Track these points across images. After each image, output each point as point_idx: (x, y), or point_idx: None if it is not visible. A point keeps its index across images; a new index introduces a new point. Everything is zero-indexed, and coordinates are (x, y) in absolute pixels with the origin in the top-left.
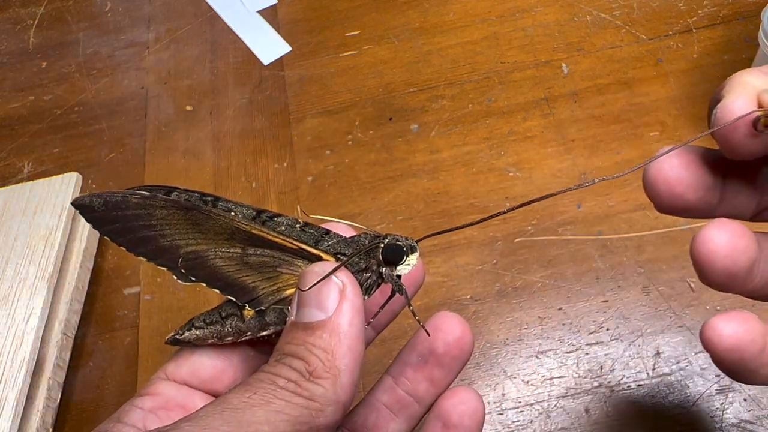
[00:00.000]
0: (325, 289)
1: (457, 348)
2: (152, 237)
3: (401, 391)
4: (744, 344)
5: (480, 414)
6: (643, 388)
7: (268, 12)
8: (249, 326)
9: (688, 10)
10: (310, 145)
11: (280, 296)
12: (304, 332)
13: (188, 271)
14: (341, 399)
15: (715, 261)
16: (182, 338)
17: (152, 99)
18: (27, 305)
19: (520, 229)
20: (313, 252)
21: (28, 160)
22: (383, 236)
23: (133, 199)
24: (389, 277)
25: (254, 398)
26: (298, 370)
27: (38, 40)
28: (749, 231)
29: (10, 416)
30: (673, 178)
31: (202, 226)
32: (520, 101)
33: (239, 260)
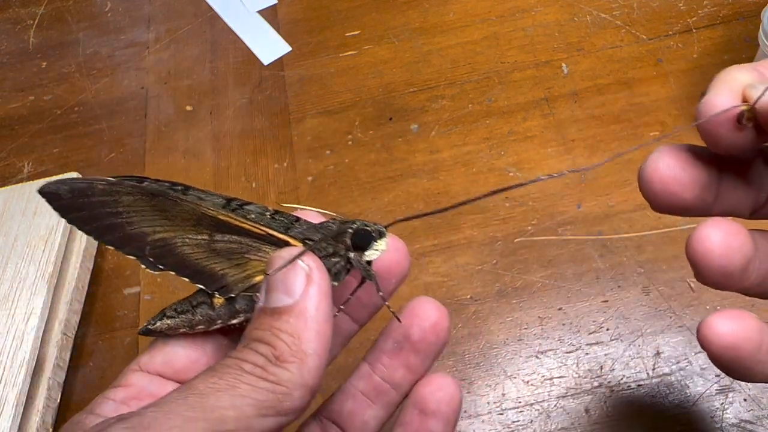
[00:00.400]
0: (291, 274)
1: (432, 334)
2: (119, 224)
3: (378, 377)
4: (740, 342)
5: (457, 401)
6: (643, 388)
7: (268, 12)
8: (219, 314)
9: (688, 10)
10: (310, 145)
11: (250, 283)
12: (271, 317)
13: (156, 259)
14: (308, 383)
15: (710, 260)
16: (154, 328)
17: (152, 99)
18: (27, 305)
19: (520, 229)
20: (280, 237)
21: (28, 160)
22: (352, 222)
23: (98, 185)
24: (357, 262)
25: (220, 383)
26: (265, 355)
27: (38, 40)
28: (744, 229)
29: (10, 416)
30: (669, 177)
31: (169, 212)
32: (520, 101)
33: (207, 247)
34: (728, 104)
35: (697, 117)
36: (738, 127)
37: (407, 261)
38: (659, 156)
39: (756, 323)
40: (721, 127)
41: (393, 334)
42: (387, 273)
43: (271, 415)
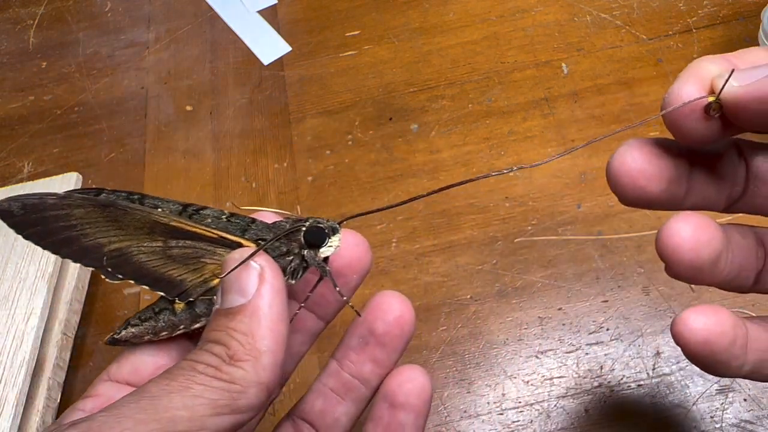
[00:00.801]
0: (244, 274)
1: (397, 327)
2: (74, 237)
3: (346, 374)
4: (714, 337)
5: (426, 392)
6: (643, 388)
7: (268, 12)
8: (181, 319)
9: (688, 10)
10: (310, 145)
11: (208, 287)
12: (226, 318)
13: (114, 269)
14: (263, 380)
15: (679, 254)
16: (119, 337)
17: (152, 99)
18: (27, 305)
19: (520, 229)
20: (233, 239)
21: (28, 160)
22: (305, 219)
23: (49, 200)
24: (311, 259)
25: (172, 385)
26: (219, 355)
27: (38, 40)
28: (714, 223)
29: (10, 416)
30: (635, 171)
31: (122, 222)
32: (520, 101)
33: (162, 254)
34: (695, 95)
35: (664, 107)
36: (705, 118)
37: (368, 256)
38: (626, 149)
39: (730, 318)
40: (687, 118)
41: (358, 330)
42: (348, 269)
43: (226, 414)
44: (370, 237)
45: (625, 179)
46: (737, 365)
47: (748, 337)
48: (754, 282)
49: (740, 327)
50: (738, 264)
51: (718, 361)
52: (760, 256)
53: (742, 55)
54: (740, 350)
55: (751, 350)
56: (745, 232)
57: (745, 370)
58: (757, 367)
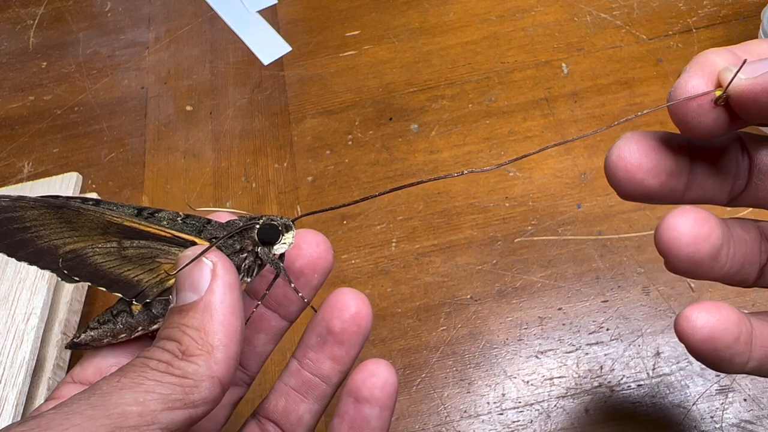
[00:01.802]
0: (197, 271)
1: (354, 324)
2: (29, 239)
3: (306, 372)
4: (717, 333)
5: (391, 385)
6: (643, 388)
7: (268, 12)
8: (139, 321)
9: (688, 10)
10: (310, 145)
11: (164, 287)
12: (179, 315)
13: (71, 271)
14: (216, 374)
15: (678, 248)
16: (79, 341)
17: (152, 99)
18: (27, 305)
19: (520, 229)
20: (186, 238)
21: (28, 160)
22: (259, 217)
23: (2, 202)
24: (265, 256)
25: (123, 381)
26: (171, 351)
27: (38, 40)
28: (714, 217)
29: (10, 416)
30: (633, 164)
31: (75, 223)
32: (520, 101)
33: (117, 254)
34: (702, 88)
35: (669, 100)
36: (712, 111)
37: (330, 255)
38: (624, 142)
39: (734, 314)
40: (694, 112)
41: (316, 329)
42: (310, 268)
43: (178, 408)
44: (370, 237)
45: (622, 173)
46: (741, 361)
47: (753, 333)
48: (757, 277)
49: (745, 323)
50: (740, 258)
51: (721, 358)
52: (764, 250)
53: (745, 47)
54: (745, 347)
55: (757, 346)
56: (748, 227)
57: (750, 367)
58: (763, 363)
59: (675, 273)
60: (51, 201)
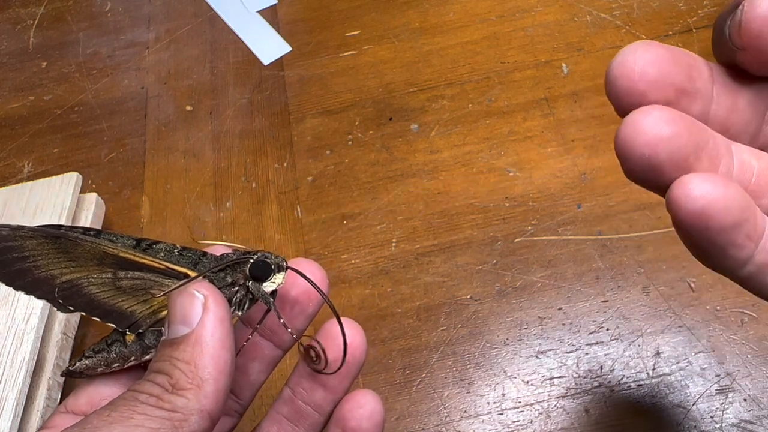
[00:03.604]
0: (188, 304)
1: (349, 355)
2: (27, 269)
3: (299, 401)
4: (714, 211)
5: (378, 415)
6: (643, 388)
7: (268, 12)
8: (132, 351)
9: (688, 10)
10: (310, 145)
11: (156, 318)
12: (170, 348)
13: (66, 301)
14: (206, 408)
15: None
16: (74, 369)
17: (152, 99)
18: (27, 305)
19: (520, 229)
20: (179, 270)
21: (28, 160)
22: (254, 252)
23: (2, 231)
24: (256, 290)
25: (113, 416)
26: (161, 385)
27: (38, 40)
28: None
29: (10, 416)
30: (636, 73)
31: (72, 253)
32: (520, 101)
33: (112, 285)
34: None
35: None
36: None
37: (325, 283)
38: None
39: (741, 197)
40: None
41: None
42: (305, 296)
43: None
44: (370, 237)
45: (622, 82)
46: (738, 257)
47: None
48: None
49: (753, 213)
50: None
51: (712, 244)
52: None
53: None
54: (745, 240)
55: (764, 248)
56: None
57: (746, 272)
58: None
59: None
60: (49, 231)
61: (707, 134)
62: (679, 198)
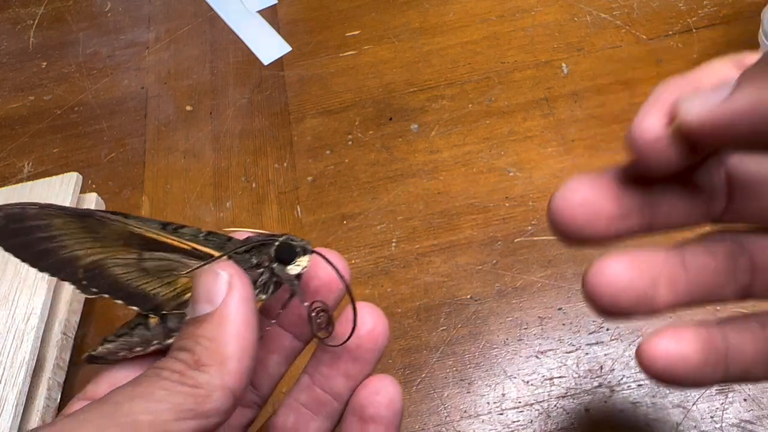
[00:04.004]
0: (212, 283)
1: (370, 340)
2: (52, 249)
3: (318, 389)
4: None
5: (397, 403)
6: (643, 388)
7: (268, 12)
8: (154, 334)
9: (688, 10)
10: (310, 145)
11: (180, 300)
12: (194, 326)
13: (90, 283)
14: (228, 384)
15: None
16: (96, 354)
17: (152, 99)
18: (27, 305)
19: (520, 229)
20: (205, 251)
21: (28, 160)
22: (279, 235)
23: (30, 210)
24: (281, 272)
25: (136, 391)
26: (184, 361)
27: (38, 40)
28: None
29: (10, 416)
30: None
31: (99, 233)
32: (520, 101)
33: (137, 266)
34: (657, 127)
35: (631, 137)
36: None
37: (347, 273)
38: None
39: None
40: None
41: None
42: (327, 288)
43: (189, 418)
44: (370, 237)
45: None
46: (712, 378)
47: (730, 346)
48: (741, 297)
49: (711, 345)
50: (699, 288)
51: (685, 383)
52: (742, 268)
53: (705, 72)
54: (712, 368)
55: (734, 361)
56: (715, 249)
57: (731, 378)
58: (743, 374)
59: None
60: (77, 210)
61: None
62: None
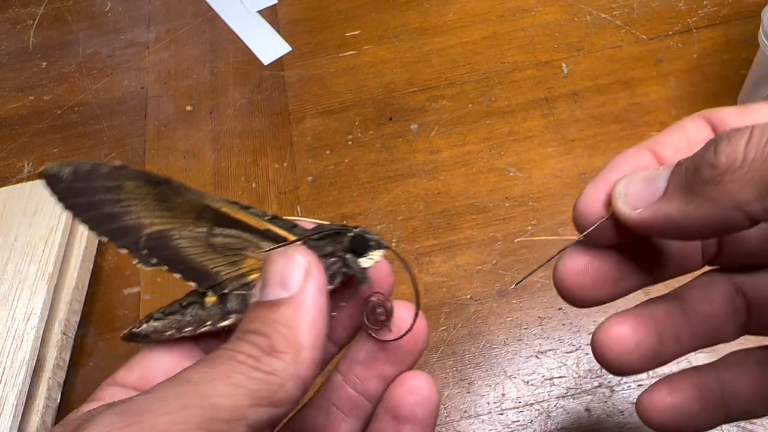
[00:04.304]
0: (289, 268)
1: (411, 341)
2: (118, 214)
3: (351, 390)
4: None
5: (434, 402)
6: (643, 388)
7: (268, 12)
8: (210, 314)
9: (688, 10)
10: (310, 145)
11: (244, 281)
12: (268, 310)
13: (150, 252)
14: (302, 374)
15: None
16: (139, 331)
17: (152, 99)
18: (27, 305)
19: (520, 229)
20: (280, 233)
21: (28, 160)
22: (354, 227)
23: (102, 169)
24: (353, 263)
25: (213, 372)
26: (259, 346)
27: (38, 40)
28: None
29: (10, 416)
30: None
31: (170, 202)
32: (520, 101)
33: (204, 241)
34: (597, 208)
35: (575, 213)
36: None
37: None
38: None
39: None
40: (598, 233)
41: (366, 345)
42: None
43: (264, 406)
44: None
45: (565, 292)
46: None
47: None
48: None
49: (708, 392)
50: (701, 336)
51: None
52: (739, 307)
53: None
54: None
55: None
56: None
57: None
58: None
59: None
60: (152, 175)
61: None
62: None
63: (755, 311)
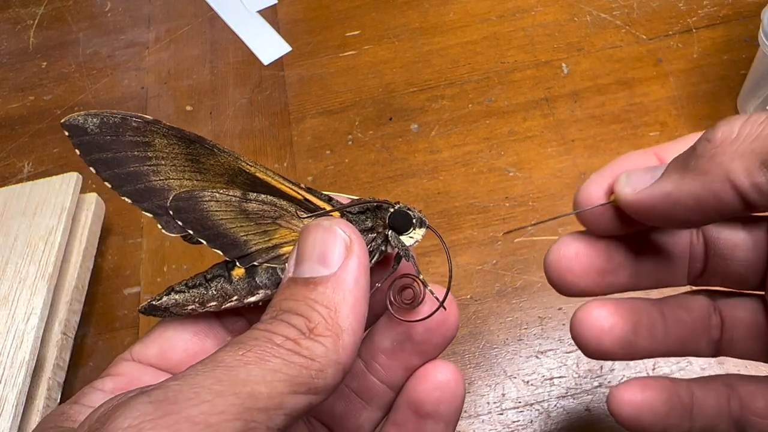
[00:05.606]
0: (330, 243)
1: (439, 334)
2: (144, 173)
3: (373, 378)
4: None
5: (459, 399)
6: None
7: (268, 12)
8: (236, 289)
9: (688, 10)
10: (310, 145)
11: (275, 254)
12: (306, 288)
13: (177, 214)
14: (342, 360)
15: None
16: (159, 304)
17: (152, 99)
18: (27, 305)
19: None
20: (318, 204)
21: (28, 160)
22: (395, 203)
23: (133, 122)
24: (395, 239)
25: (249, 356)
26: (298, 327)
27: (38, 40)
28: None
29: (10, 416)
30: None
31: (203, 164)
32: (520, 101)
33: (237, 206)
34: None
35: (575, 203)
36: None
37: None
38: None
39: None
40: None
41: (391, 332)
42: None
43: (302, 393)
44: None
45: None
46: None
47: (695, 402)
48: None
49: (679, 398)
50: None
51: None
52: (714, 325)
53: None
54: (680, 419)
55: (699, 415)
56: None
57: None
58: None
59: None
60: (185, 132)
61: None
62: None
63: (728, 332)
